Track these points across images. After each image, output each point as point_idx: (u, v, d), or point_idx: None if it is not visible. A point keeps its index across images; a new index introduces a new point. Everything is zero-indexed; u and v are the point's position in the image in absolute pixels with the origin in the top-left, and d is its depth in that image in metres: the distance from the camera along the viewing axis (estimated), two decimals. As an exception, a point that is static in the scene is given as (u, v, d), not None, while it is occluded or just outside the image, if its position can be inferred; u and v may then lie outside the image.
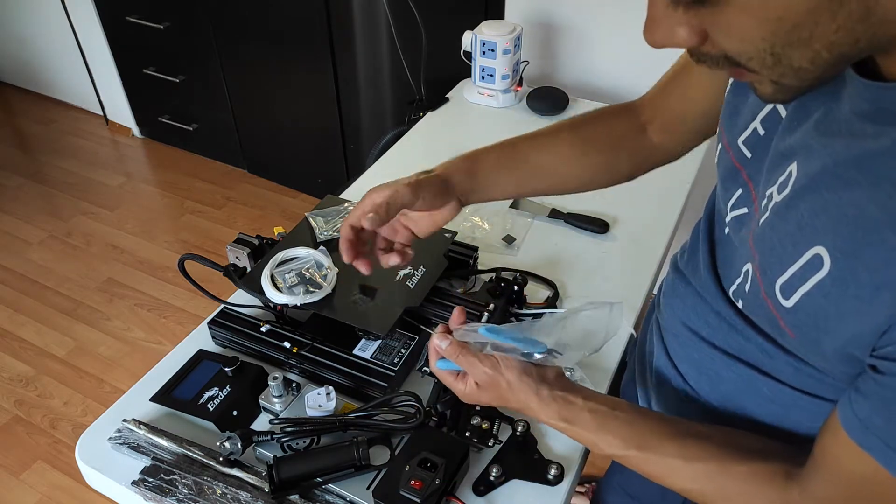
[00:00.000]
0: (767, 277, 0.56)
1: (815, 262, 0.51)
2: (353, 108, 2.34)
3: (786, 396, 0.64)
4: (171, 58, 2.68)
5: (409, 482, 0.75)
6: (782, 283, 0.54)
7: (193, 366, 0.92)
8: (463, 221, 1.22)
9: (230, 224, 2.62)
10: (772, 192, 0.57)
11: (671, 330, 0.77)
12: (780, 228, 0.55)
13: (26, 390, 2.01)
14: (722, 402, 0.71)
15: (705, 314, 0.70)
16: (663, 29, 0.46)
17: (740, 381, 0.67)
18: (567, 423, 0.67)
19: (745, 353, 0.66)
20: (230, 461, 0.81)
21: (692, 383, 0.74)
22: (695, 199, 1.34)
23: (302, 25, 2.21)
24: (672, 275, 0.80)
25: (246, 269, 1.01)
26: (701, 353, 0.71)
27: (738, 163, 0.65)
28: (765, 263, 0.57)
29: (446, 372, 0.73)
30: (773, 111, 0.60)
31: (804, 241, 0.52)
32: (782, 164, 0.56)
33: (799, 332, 0.55)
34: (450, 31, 1.70)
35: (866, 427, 0.50)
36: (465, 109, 1.64)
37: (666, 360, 0.78)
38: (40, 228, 2.59)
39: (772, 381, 0.64)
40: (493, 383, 0.69)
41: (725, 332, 0.67)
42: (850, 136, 0.50)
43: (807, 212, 0.52)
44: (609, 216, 1.23)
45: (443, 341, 0.71)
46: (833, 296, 0.50)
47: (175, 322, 2.22)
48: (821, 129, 0.53)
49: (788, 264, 0.53)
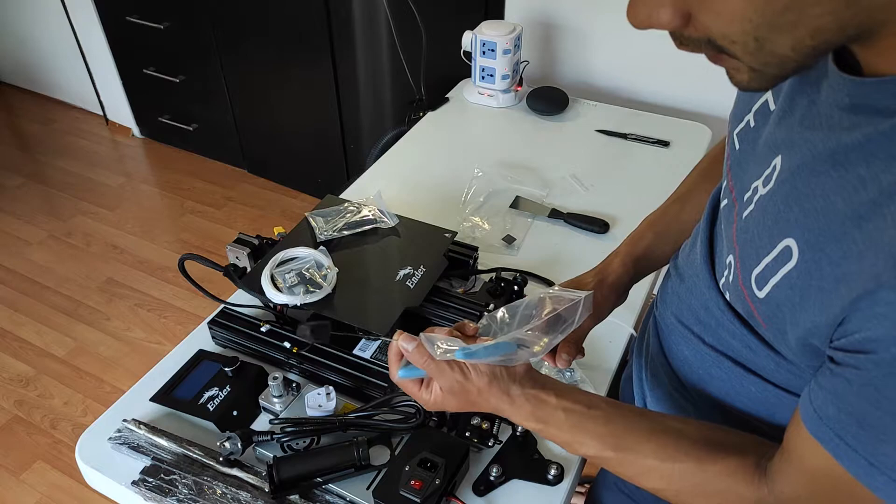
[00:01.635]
0: (745, 268, 0.58)
1: (786, 253, 0.52)
2: (353, 108, 2.34)
3: (770, 395, 0.64)
4: (171, 58, 2.68)
5: (409, 482, 0.75)
6: (757, 274, 0.55)
7: (193, 366, 0.92)
8: (463, 221, 1.22)
9: (230, 224, 2.62)
10: (757, 186, 0.58)
11: (667, 326, 0.78)
12: (761, 221, 0.56)
13: (26, 390, 2.01)
14: (713, 402, 0.71)
15: (697, 309, 0.70)
16: (647, 9, 0.46)
17: (729, 379, 0.67)
18: (541, 423, 0.66)
19: (732, 349, 0.66)
20: (230, 461, 0.81)
21: (684, 381, 0.75)
22: (695, 199, 1.34)
23: (302, 25, 2.21)
24: (671, 270, 0.81)
25: (246, 269, 1.01)
26: (692, 350, 0.72)
27: (729, 153, 0.66)
28: (744, 255, 0.58)
29: (409, 381, 0.70)
30: (764, 104, 0.61)
31: (778, 233, 0.53)
32: (768, 157, 0.57)
33: (769, 323, 0.56)
34: (450, 31, 1.70)
35: (820, 417, 0.50)
36: (465, 109, 1.64)
37: (662, 358, 0.79)
38: (40, 228, 2.59)
39: (758, 378, 0.64)
40: (462, 390, 0.67)
41: (714, 327, 0.68)
42: (829, 129, 0.50)
43: (782, 204, 0.53)
44: (609, 216, 1.23)
45: (409, 343, 0.67)
46: (798, 287, 0.51)
47: (175, 322, 2.22)
48: (805, 122, 0.53)
49: (763, 255, 0.54)
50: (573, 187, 1.31)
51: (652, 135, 1.47)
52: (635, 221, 1.25)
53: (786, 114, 0.56)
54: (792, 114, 0.56)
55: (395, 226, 1.08)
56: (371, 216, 1.08)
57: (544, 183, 1.33)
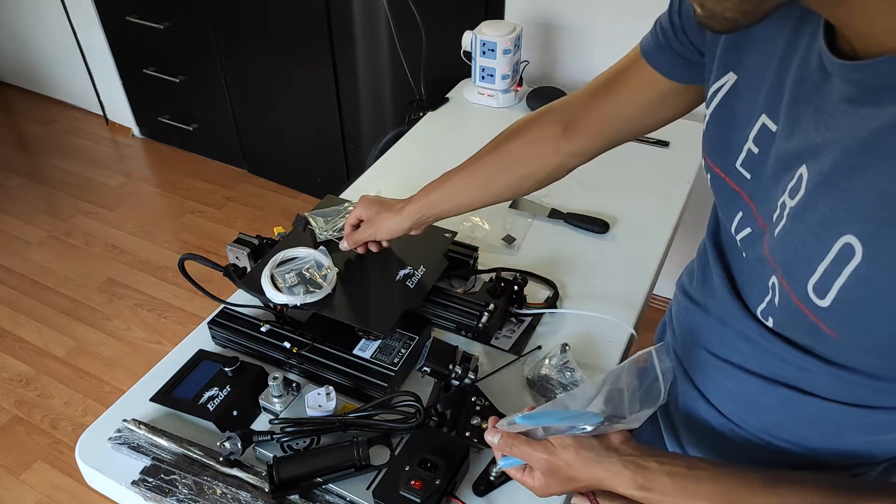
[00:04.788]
0: (796, 282, 0.54)
1: (846, 251, 0.49)
2: (353, 108, 2.34)
3: (834, 413, 0.61)
4: (171, 58, 2.68)
5: (409, 482, 0.75)
6: (815, 283, 0.52)
7: (193, 366, 0.92)
8: (463, 221, 1.22)
9: (230, 224, 2.62)
10: (784, 201, 0.56)
11: (696, 362, 0.75)
12: (801, 231, 0.53)
13: (26, 390, 2.01)
14: (766, 431, 0.69)
15: (733, 340, 0.68)
16: None
17: (783, 404, 0.65)
18: (645, 490, 0.62)
19: (782, 374, 0.63)
20: (230, 461, 0.81)
21: (729, 415, 0.72)
22: (695, 199, 1.34)
23: (302, 25, 2.21)
24: (684, 303, 0.79)
25: (246, 269, 1.01)
26: (735, 382, 0.69)
27: (737, 186, 0.64)
28: (790, 270, 0.55)
29: (513, 469, 0.70)
30: (763, 128, 0.60)
31: (829, 236, 0.50)
32: (789, 170, 0.55)
33: (843, 330, 0.53)
34: (450, 31, 1.70)
35: None
36: (465, 109, 1.64)
37: (696, 395, 0.76)
38: (40, 228, 2.59)
39: (817, 399, 0.61)
40: (552, 468, 0.65)
41: (759, 355, 0.65)
42: (850, 124, 0.49)
43: (826, 208, 0.51)
44: (609, 216, 1.23)
45: (493, 436, 0.68)
46: (873, 279, 0.48)
47: (175, 322, 2.22)
48: (821, 126, 0.52)
49: (818, 262, 0.51)
50: (573, 187, 1.31)
51: (651, 135, 1.47)
52: (635, 221, 1.26)
53: (794, 127, 0.55)
54: (801, 125, 0.55)
55: (395, 226, 1.08)
56: (371, 216, 1.08)
57: (544, 183, 1.33)
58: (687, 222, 1.36)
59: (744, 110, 0.62)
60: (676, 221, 1.26)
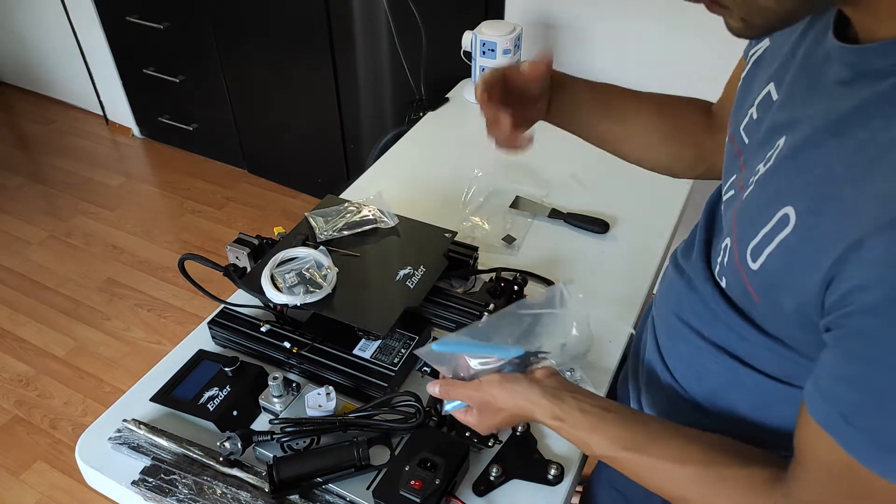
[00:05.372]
0: (741, 244, 0.58)
1: (783, 220, 0.52)
2: (353, 108, 2.34)
3: (767, 388, 0.64)
4: (171, 58, 2.68)
5: (409, 482, 0.75)
6: (753, 246, 0.56)
7: (193, 366, 0.92)
8: (463, 221, 1.22)
9: (230, 224, 2.62)
10: (759, 168, 0.59)
11: (664, 323, 0.78)
12: (761, 198, 0.56)
13: (26, 390, 2.01)
14: (708, 398, 0.71)
15: (693, 304, 0.71)
16: None
17: (725, 373, 0.67)
18: (559, 421, 0.67)
19: (728, 342, 0.66)
20: (230, 461, 0.81)
21: (679, 379, 0.75)
22: (695, 199, 1.34)
23: (302, 25, 2.21)
24: (670, 268, 0.81)
25: (246, 269, 1.01)
26: (689, 346, 0.72)
27: (739, 149, 0.66)
28: (741, 233, 0.59)
29: (457, 411, 0.74)
30: (767, 96, 0.62)
31: (776, 204, 0.53)
32: (772, 140, 0.58)
33: (764, 295, 0.56)
34: (450, 31, 1.70)
35: (824, 399, 0.49)
36: (465, 109, 1.64)
37: (656, 356, 0.79)
38: (40, 228, 2.59)
39: (754, 371, 0.64)
40: (482, 403, 0.70)
41: (711, 320, 0.68)
42: (829, 104, 0.51)
43: (783, 179, 0.54)
44: (609, 216, 1.23)
45: (434, 387, 0.73)
46: (795, 250, 0.51)
47: (175, 322, 2.22)
48: (806, 103, 0.54)
49: (760, 227, 0.55)
50: (573, 187, 1.31)
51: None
52: (635, 221, 1.26)
53: (788, 99, 0.58)
54: (794, 98, 0.57)
55: (395, 226, 1.08)
56: (371, 216, 1.08)
57: (544, 183, 1.33)
58: (687, 222, 1.36)
59: (761, 77, 0.64)
60: (676, 221, 1.26)
